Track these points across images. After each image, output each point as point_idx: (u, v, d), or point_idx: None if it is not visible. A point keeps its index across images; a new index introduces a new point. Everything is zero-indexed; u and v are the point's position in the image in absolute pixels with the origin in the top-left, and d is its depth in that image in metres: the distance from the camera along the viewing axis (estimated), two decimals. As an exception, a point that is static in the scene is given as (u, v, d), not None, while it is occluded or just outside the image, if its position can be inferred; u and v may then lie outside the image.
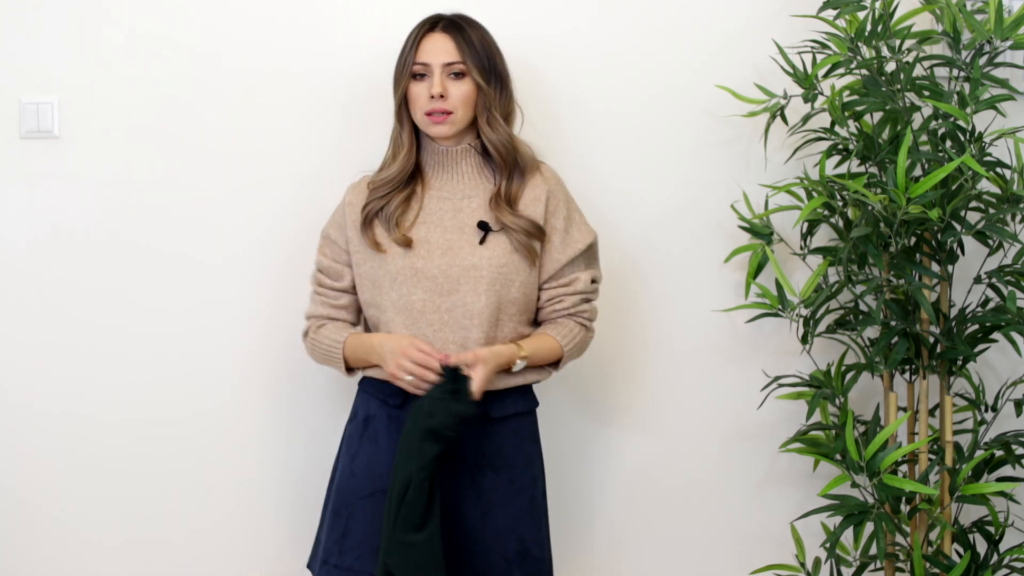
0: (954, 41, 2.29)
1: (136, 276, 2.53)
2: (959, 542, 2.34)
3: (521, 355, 2.15)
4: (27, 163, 2.52)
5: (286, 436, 2.57)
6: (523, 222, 2.17)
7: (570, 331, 2.22)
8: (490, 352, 2.10)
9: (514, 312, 2.19)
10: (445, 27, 2.19)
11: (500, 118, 2.19)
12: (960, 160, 2.13)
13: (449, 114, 2.16)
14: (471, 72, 2.16)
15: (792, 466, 2.61)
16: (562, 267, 2.22)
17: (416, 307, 2.14)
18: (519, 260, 2.17)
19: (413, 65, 2.17)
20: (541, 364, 2.21)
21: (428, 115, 2.16)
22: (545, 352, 2.20)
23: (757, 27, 2.51)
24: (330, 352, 2.22)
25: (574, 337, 2.23)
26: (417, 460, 2.01)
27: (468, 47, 2.17)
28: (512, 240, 2.17)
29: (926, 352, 2.32)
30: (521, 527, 2.18)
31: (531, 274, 2.20)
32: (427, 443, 2.01)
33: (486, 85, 2.17)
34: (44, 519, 2.56)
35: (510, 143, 2.20)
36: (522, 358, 2.15)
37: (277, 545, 2.57)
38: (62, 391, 2.55)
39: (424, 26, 2.20)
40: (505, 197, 2.18)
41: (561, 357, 2.22)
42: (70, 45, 2.50)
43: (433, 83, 2.15)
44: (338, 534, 2.18)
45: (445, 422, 2.02)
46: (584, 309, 2.25)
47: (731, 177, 2.56)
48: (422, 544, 2.02)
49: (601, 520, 2.61)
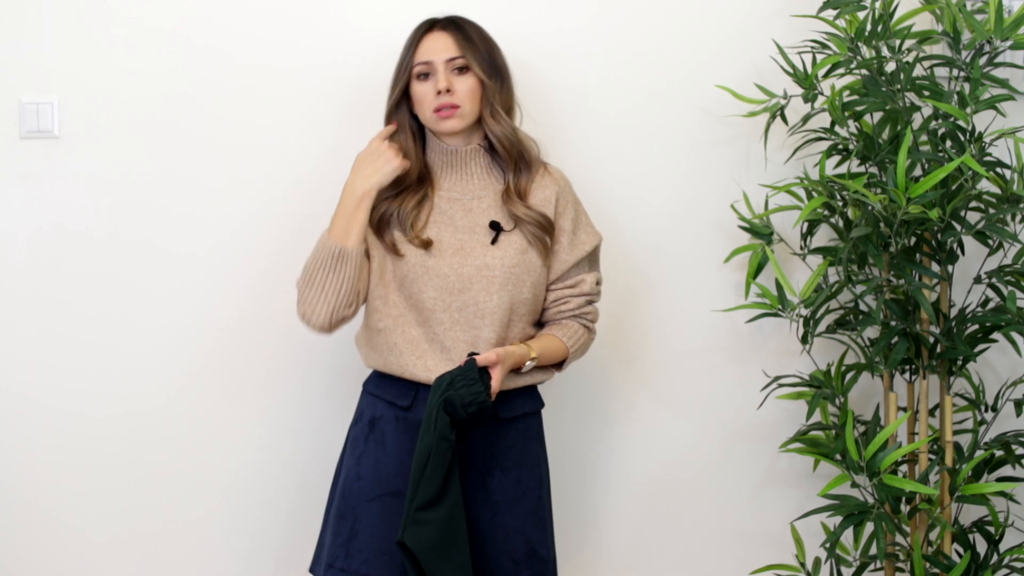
0: (954, 41, 2.29)
1: (136, 275, 2.53)
2: (959, 542, 2.34)
3: (532, 356, 2.16)
4: (27, 163, 2.52)
5: (288, 438, 2.56)
6: (535, 214, 2.18)
7: (575, 332, 2.23)
8: (505, 352, 2.11)
9: (524, 312, 2.19)
10: (443, 26, 2.20)
11: (502, 112, 2.20)
12: (960, 160, 2.13)
13: (457, 108, 2.16)
14: (473, 66, 2.17)
15: (792, 466, 2.61)
16: (569, 268, 2.23)
17: (427, 305, 2.15)
18: (531, 258, 2.18)
19: (415, 66, 2.18)
20: (547, 365, 2.22)
21: (437, 111, 2.16)
22: (552, 353, 2.20)
23: (757, 27, 2.51)
24: (317, 253, 2.15)
25: (579, 339, 2.23)
26: (436, 430, 2.02)
27: (468, 43, 2.18)
28: (526, 233, 2.18)
29: (926, 352, 2.32)
30: (528, 528, 2.19)
31: (541, 273, 2.20)
32: (443, 413, 2.03)
33: (488, 79, 2.18)
34: (44, 520, 2.56)
35: (514, 136, 2.21)
36: (532, 359, 2.16)
37: (278, 548, 2.57)
38: (63, 391, 2.54)
39: (421, 28, 2.21)
40: (516, 191, 2.19)
41: (566, 358, 2.23)
42: (70, 45, 2.50)
43: (438, 79, 2.16)
44: (344, 537, 2.17)
45: (463, 396, 2.03)
46: (588, 311, 2.26)
47: (731, 177, 2.56)
48: (439, 521, 2.02)
49: (602, 520, 2.61)
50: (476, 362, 2.06)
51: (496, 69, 2.20)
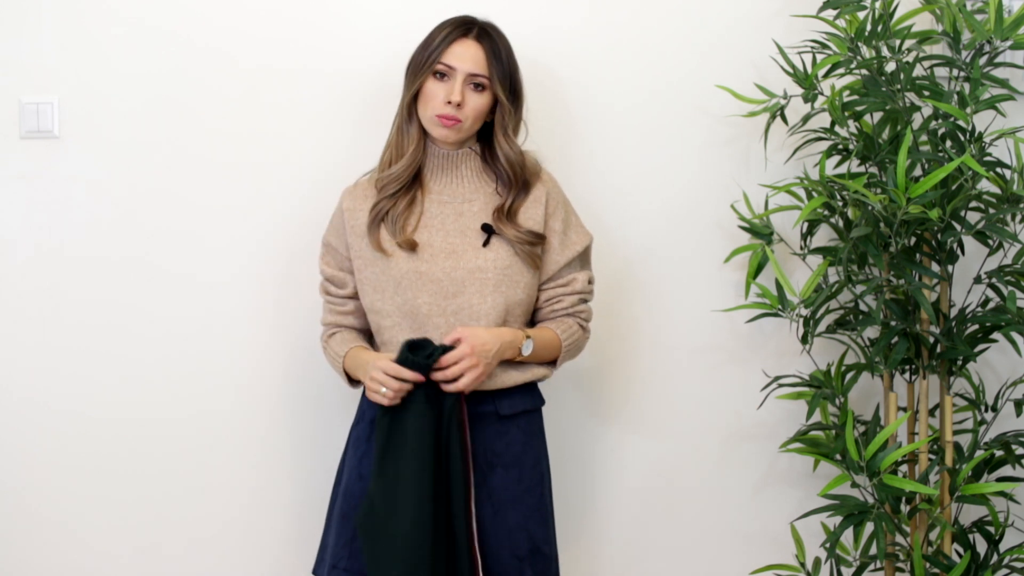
0: (954, 41, 2.29)
1: (137, 277, 2.53)
2: (959, 542, 2.34)
3: (526, 335, 2.15)
4: (27, 163, 2.52)
5: (290, 439, 2.56)
6: (524, 234, 2.17)
7: (569, 327, 2.23)
8: (489, 333, 2.10)
9: (519, 314, 2.19)
10: (478, 36, 2.17)
11: (512, 133, 2.20)
12: (960, 160, 2.13)
13: (459, 122, 2.15)
14: (494, 87, 2.16)
15: (792, 466, 2.61)
16: (560, 268, 2.22)
17: (422, 311, 2.14)
18: (522, 263, 2.18)
19: (437, 63, 2.16)
20: (542, 357, 2.21)
21: (439, 116, 2.16)
22: (546, 342, 2.20)
23: (757, 27, 2.51)
24: (334, 364, 2.25)
25: (573, 334, 2.23)
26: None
27: (496, 61, 2.16)
28: (517, 251, 2.18)
29: (926, 352, 2.32)
30: (531, 524, 2.19)
31: (534, 276, 2.20)
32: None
33: (506, 100, 2.17)
34: (44, 520, 2.56)
35: (521, 159, 2.21)
36: (528, 338, 2.15)
37: (282, 549, 2.56)
38: (63, 392, 2.54)
39: (457, 28, 2.17)
40: (508, 211, 2.19)
41: (560, 353, 2.22)
42: (70, 45, 2.50)
43: (454, 89, 2.14)
44: (347, 538, 2.17)
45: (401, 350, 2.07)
46: (582, 309, 2.25)
47: (731, 177, 2.56)
48: (374, 495, 2.05)
49: (602, 519, 2.61)
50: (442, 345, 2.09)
51: (514, 90, 2.19)
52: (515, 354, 2.15)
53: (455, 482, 2.07)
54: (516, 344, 2.14)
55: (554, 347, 2.21)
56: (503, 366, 2.16)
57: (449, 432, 2.06)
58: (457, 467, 2.07)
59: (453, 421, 2.07)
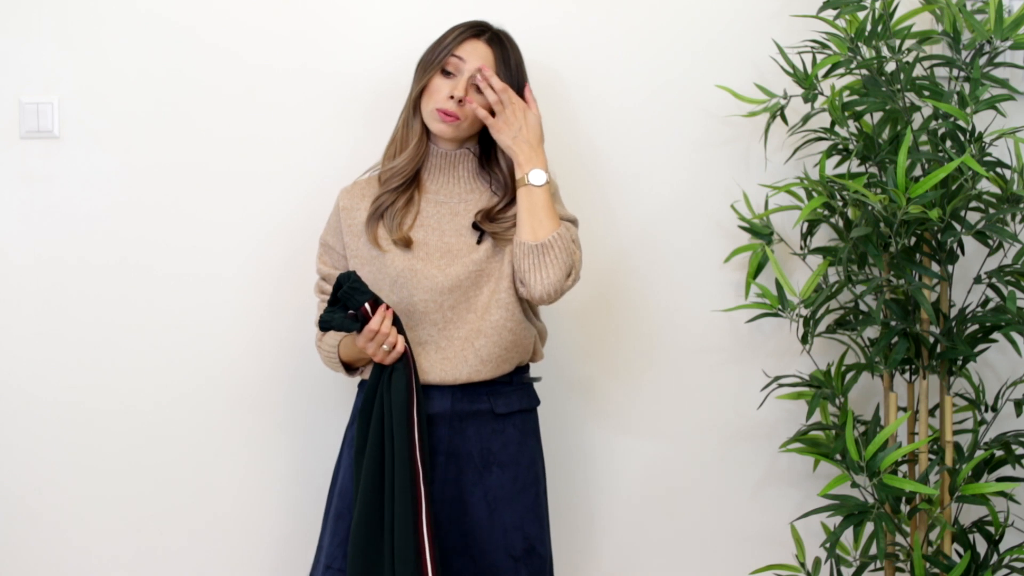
0: (954, 41, 2.29)
1: (137, 276, 2.53)
2: (959, 542, 2.35)
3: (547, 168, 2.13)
4: (27, 163, 2.52)
5: (286, 439, 2.56)
6: (507, 223, 2.17)
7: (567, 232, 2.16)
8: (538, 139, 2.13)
9: (515, 310, 2.19)
10: (490, 39, 2.18)
11: None
12: (960, 160, 2.13)
13: (457, 119, 2.16)
14: None
15: (792, 466, 2.61)
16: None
17: (419, 308, 2.15)
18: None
19: (446, 60, 2.15)
20: (542, 219, 2.11)
21: (440, 111, 2.16)
22: (550, 208, 2.12)
23: (757, 27, 2.51)
24: (330, 357, 2.24)
25: (569, 234, 2.15)
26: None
27: (504, 67, 2.17)
28: (503, 245, 2.17)
29: (926, 352, 2.32)
30: (526, 524, 2.19)
31: None
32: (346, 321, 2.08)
33: None
34: (44, 520, 2.56)
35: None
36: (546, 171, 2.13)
37: (278, 550, 2.56)
38: (62, 392, 2.54)
39: (470, 29, 2.18)
40: (494, 213, 2.18)
41: (557, 228, 2.11)
42: (70, 45, 2.50)
43: (459, 86, 2.14)
44: (341, 537, 2.17)
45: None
46: (572, 249, 2.17)
47: (731, 177, 2.56)
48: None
49: (601, 519, 2.61)
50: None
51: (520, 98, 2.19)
52: (533, 167, 2.11)
53: (399, 458, 2.06)
54: (542, 167, 2.11)
55: (553, 220, 2.12)
56: (502, 360, 2.16)
57: (392, 402, 2.08)
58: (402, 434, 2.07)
59: (398, 388, 2.08)
